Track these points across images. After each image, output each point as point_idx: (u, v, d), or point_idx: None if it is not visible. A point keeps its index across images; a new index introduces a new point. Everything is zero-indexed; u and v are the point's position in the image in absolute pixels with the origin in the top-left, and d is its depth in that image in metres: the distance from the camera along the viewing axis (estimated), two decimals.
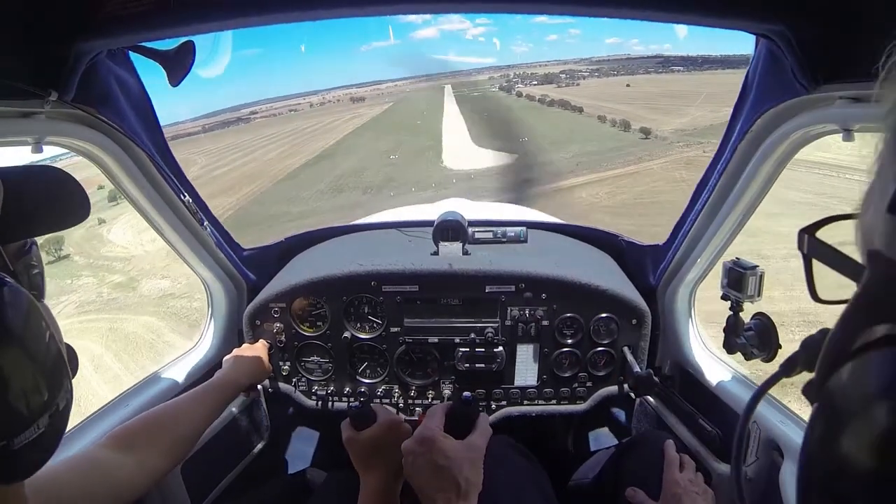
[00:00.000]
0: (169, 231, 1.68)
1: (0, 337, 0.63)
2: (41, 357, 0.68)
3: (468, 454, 1.14)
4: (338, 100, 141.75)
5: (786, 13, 0.96)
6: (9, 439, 0.62)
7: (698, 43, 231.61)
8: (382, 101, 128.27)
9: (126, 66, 1.33)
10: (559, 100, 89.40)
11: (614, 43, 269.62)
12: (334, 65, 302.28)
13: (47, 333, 0.70)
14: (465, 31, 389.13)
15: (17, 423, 0.64)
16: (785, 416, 1.47)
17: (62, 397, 0.71)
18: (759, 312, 1.48)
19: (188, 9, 1.01)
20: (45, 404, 0.67)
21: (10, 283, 0.66)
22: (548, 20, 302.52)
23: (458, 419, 1.23)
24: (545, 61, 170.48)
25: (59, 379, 0.71)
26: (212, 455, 1.76)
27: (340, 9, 1.03)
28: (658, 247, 1.98)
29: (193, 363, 1.92)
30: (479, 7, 1.09)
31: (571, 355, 1.90)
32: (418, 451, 1.14)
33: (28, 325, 0.67)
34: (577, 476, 1.94)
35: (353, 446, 1.28)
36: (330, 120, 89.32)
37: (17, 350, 0.65)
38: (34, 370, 0.67)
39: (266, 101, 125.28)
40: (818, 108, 1.15)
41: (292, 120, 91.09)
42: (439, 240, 2.02)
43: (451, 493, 1.07)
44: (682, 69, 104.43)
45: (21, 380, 0.65)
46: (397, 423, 1.31)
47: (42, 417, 0.66)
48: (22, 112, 1.11)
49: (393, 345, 1.94)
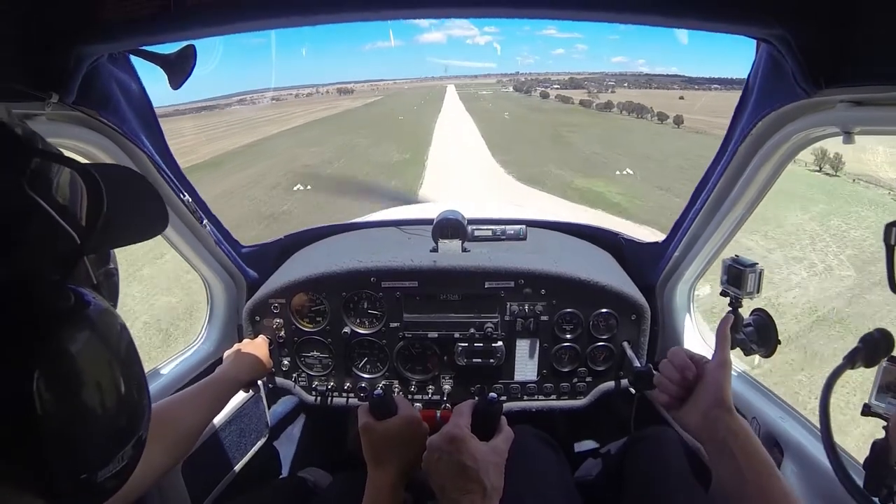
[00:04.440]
0: (169, 229, 1.69)
1: (92, 362, 0.58)
2: (130, 382, 0.63)
3: (493, 458, 1.12)
4: (327, 92, 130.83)
5: (786, 17, 0.96)
6: (94, 471, 0.58)
7: (705, 67, 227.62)
8: (372, 95, 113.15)
9: (127, 69, 1.33)
10: (626, 103, 62.32)
11: (620, 62, 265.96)
12: (335, 62, 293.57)
13: (133, 352, 0.65)
14: (471, 37, 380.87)
15: (106, 453, 0.59)
16: (784, 413, 1.49)
17: (146, 423, 0.67)
18: (758, 308, 1.50)
19: (189, 13, 1.00)
20: (132, 432, 0.63)
21: (97, 302, 0.61)
22: (556, 33, 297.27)
23: (483, 419, 1.21)
24: (556, 72, 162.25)
25: (143, 404, 0.66)
26: (212, 451, 1.78)
27: (343, 13, 1.02)
28: (657, 244, 1.99)
29: (193, 359, 1.94)
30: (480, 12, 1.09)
31: (571, 350, 1.92)
32: (446, 449, 1.11)
33: (118, 346, 0.63)
34: (581, 472, 1.96)
35: (369, 435, 1.25)
36: (292, 111, 71.21)
37: (109, 376, 0.60)
38: (124, 397, 0.62)
39: (255, 91, 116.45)
40: (819, 111, 1.16)
41: (266, 109, 74.86)
42: (439, 237, 2.03)
43: (477, 495, 1.05)
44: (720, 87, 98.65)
45: (112, 407, 0.60)
46: (417, 421, 1.28)
47: (127, 448, 0.62)
48: (23, 114, 1.11)
49: (392, 340, 1.95)
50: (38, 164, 0.57)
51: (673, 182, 20.09)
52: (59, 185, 0.60)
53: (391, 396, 1.32)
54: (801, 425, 1.43)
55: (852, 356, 0.85)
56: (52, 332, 0.54)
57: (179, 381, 1.80)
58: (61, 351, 0.55)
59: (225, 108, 77.73)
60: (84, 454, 0.57)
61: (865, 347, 0.86)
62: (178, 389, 1.59)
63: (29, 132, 0.58)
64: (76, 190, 0.62)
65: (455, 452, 1.10)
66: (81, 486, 0.57)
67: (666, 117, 50.34)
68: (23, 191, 0.54)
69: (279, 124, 51.87)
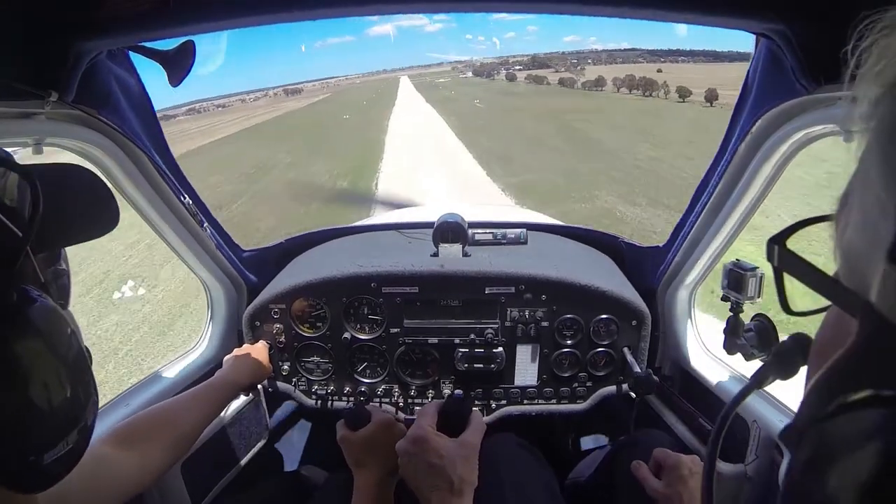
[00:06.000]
0: (169, 232, 1.68)
1: (34, 355, 0.64)
2: (73, 373, 0.68)
3: (461, 451, 1.16)
4: (275, 94, 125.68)
5: (786, 12, 0.95)
6: (39, 454, 0.63)
7: (656, 40, 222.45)
8: (320, 93, 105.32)
9: (126, 66, 1.33)
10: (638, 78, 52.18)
11: (573, 41, 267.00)
12: (285, 64, 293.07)
13: (78, 348, 0.70)
14: (422, 27, 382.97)
15: (50, 438, 0.65)
16: (785, 416, 1.47)
17: (90, 412, 0.72)
18: (760, 314, 1.49)
19: (188, 9, 1.00)
20: (76, 419, 0.68)
21: (42, 300, 0.66)
22: (507, 16, 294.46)
23: (450, 417, 1.26)
24: (513, 54, 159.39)
25: (88, 394, 0.71)
26: (212, 454, 1.76)
27: (339, 8, 1.03)
28: (658, 248, 1.98)
29: (194, 363, 1.93)
30: (478, 6, 1.09)
31: (571, 356, 1.90)
32: (412, 450, 1.16)
33: (60, 341, 0.67)
34: (574, 474, 1.95)
35: (347, 445, 1.32)
36: (220, 119, 60.65)
37: (51, 368, 0.65)
38: (67, 387, 0.67)
39: (206, 100, 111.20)
40: (819, 108, 1.15)
41: (200, 119, 65.65)
42: (439, 241, 2.02)
43: (445, 490, 1.09)
44: (687, 59, 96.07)
45: (54, 396, 0.65)
46: (391, 423, 1.35)
47: (72, 433, 0.67)
48: (22, 113, 1.11)
49: (393, 345, 1.94)
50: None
51: None
52: (5, 187, 0.65)
53: (363, 407, 1.42)
54: None
55: (762, 374, 0.76)
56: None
57: (179, 384, 1.78)
58: (3, 344, 0.60)
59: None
60: (30, 438, 0.63)
61: (778, 360, 0.76)
62: (178, 393, 1.58)
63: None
64: (23, 191, 0.67)
65: (420, 452, 1.15)
66: (29, 466, 0.63)
67: (688, 93, 40.99)
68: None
69: (200, 138, 38.85)
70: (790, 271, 0.49)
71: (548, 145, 22.51)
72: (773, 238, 0.51)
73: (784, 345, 0.77)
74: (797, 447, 0.41)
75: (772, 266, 0.52)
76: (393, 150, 23.74)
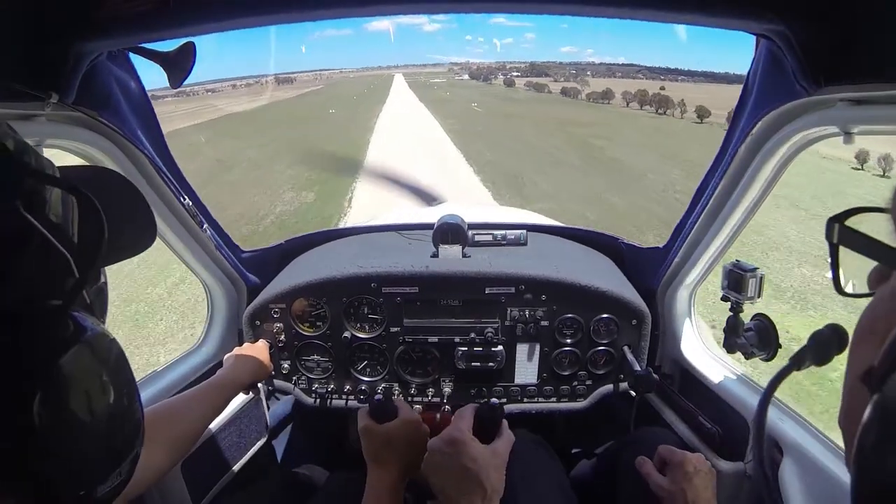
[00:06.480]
0: (169, 233, 1.68)
1: (95, 389, 0.60)
2: (127, 401, 0.65)
3: (494, 460, 1.14)
4: (267, 82, 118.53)
5: (786, 12, 0.95)
6: (92, 488, 0.60)
7: (655, 57, 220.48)
8: (312, 85, 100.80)
9: (126, 67, 1.33)
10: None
11: (569, 51, 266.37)
12: (282, 52, 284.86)
13: (128, 371, 0.67)
14: (421, 25, 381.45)
15: (105, 472, 0.62)
16: (783, 414, 1.47)
17: (139, 441, 0.68)
18: (759, 313, 1.49)
19: (188, 9, 1.00)
20: (130, 449, 0.66)
21: (94, 328, 0.62)
22: (505, 21, 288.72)
23: (485, 423, 1.23)
24: (510, 60, 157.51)
25: (138, 424, 0.68)
26: (212, 453, 1.77)
27: (341, 8, 1.03)
28: (657, 249, 1.98)
29: (194, 363, 1.93)
30: (481, 7, 1.09)
31: (571, 354, 1.91)
32: (447, 451, 1.13)
33: (115, 370, 0.64)
34: (575, 472, 1.95)
35: (368, 437, 1.27)
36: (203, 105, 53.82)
37: (108, 400, 0.62)
38: (122, 418, 0.64)
39: (198, 84, 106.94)
40: (819, 110, 1.15)
41: (188, 102, 57.35)
42: (439, 242, 2.02)
43: (477, 496, 1.07)
44: (687, 79, 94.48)
45: (112, 429, 0.62)
46: (417, 423, 1.30)
47: (125, 464, 0.64)
48: (23, 114, 1.10)
49: (393, 344, 1.94)
50: (32, 184, 0.57)
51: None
52: (51, 205, 0.59)
53: (392, 401, 1.35)
54: (800, 426, 1.42)
55: (799, 357, 0.79)
56: (52, 359, 0.56)
57: (180, 383, 1.79)
58: (60, 377, 0.56)
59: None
60: (85, 473, 0.59)
61: (816, 346, 0.80)
62: (179, 392, 1.58)
63: (22, 146, 0.57)
64: (68, 209, 0.62)
65: (456, 454, 1.12)
66: (81, 501, 0.59)
67: (707, 113, 38.27)
68: (18, 213, 0.54)
69: (179, 122, 33.63)
70: (851, 246, 0.56)
71: (565, 164, 19.77)
72: (833, 217, 0.58)
73: (822, 332, 0.81)
74: (881, 386, 0.42)
75: (829, 243, 0.58)
76: (377, 158, 21.59)
